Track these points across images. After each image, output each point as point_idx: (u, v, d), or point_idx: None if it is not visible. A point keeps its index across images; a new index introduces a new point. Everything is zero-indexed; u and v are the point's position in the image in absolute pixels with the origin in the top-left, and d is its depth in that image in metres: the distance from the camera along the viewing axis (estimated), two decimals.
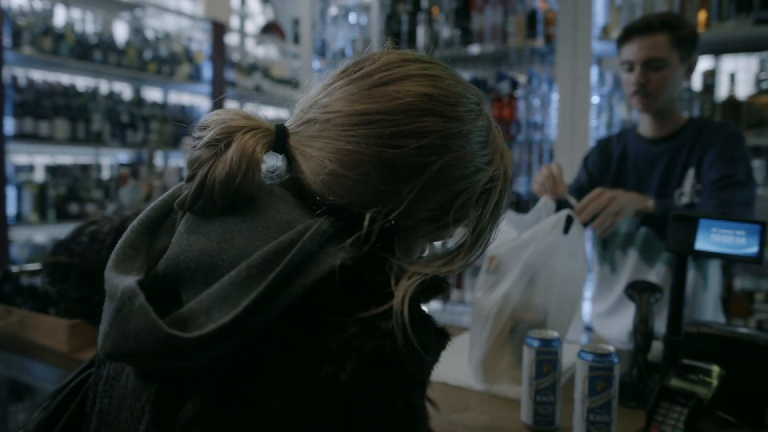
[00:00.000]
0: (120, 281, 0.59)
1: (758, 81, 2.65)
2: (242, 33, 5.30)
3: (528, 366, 1.12)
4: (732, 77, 2.68)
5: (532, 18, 2.98)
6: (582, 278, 1.37)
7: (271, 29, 5.39)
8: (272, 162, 0.72)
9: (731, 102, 2.61)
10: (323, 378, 0.54)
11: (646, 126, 1.81)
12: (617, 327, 1.80)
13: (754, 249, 1.09)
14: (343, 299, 0.58)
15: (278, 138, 0.67)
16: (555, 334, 1.14)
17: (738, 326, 1.23)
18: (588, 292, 2.18)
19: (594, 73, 2.83)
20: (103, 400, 0.69)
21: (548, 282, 1.31)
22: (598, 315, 1.93)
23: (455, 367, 1.42)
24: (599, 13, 2.82)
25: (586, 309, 2.51)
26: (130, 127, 3.96)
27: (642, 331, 1.26)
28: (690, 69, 1.75)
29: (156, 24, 4.50)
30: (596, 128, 2.90)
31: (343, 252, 0.60)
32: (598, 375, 1.02)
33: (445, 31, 3.19)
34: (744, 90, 2.75)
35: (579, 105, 2.80)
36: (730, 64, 3.24)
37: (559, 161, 2.79)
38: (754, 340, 1.13)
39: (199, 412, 0.58)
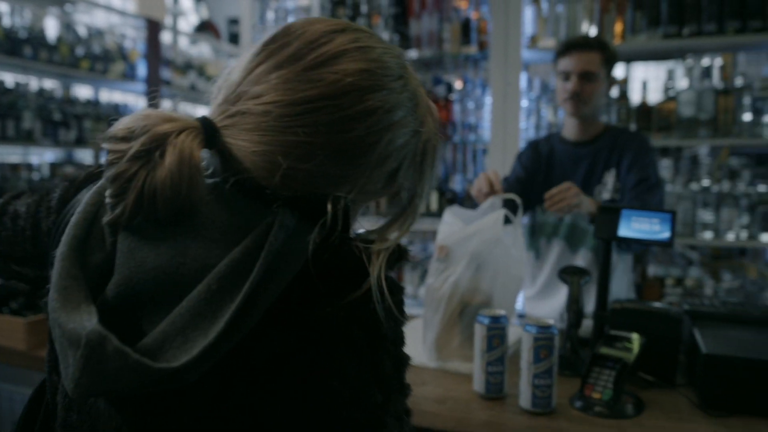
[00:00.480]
0: (77, 325, 0.53)
1: (666, 89, 2.93)
2: (175, 31, 5.23)
3: (479, 341, 1.26)
4: (644, 85, 2.96)
5: (466, 26, 3.16)
6: (521, 263, 1.52)
7: (205, 28, 5.34)
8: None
9: (643, 108, 2.89)
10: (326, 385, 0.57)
11: (571, 130, 2.02)
12: (546, 308, 1.99)
13: (666, 234, 1.27)
14: (320, 291, 0.58)
15: (207, 134, 0.61)
16: (503, 312, 1.28)
17: (653, 303, 1.42)
18: None
19: (523, 78, 3.04)
20: (69, 414, 0.64)
21: (493, 268, 1.46)
22: (528, 298, 2.13)
23: (410, 347, 1.54)
24: (528, 24, 3.03)
25: None
26: (62, 125, 3.85)
27: (574, 309, 1.42)
28: (611, 84, 2.01)
29: (88, 20, 4.38)
30: (526, 129, 3.11)
31: (311, 244, 0.59)
32: (541, 345, 1.17)
33: (384, 36, 3.32)
34: (654, 96, 3.03)
35: (510, 108, 3.00)
36: (642, 72, 3.55)
37: (493, 160, 2.98)
38: (667, 313, 1.31)
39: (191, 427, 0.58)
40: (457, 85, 3.30)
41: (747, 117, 2.75)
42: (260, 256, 0.55)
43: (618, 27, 2.85)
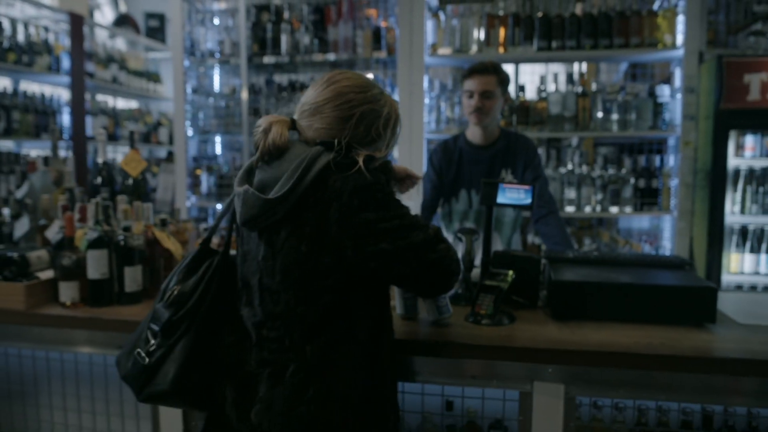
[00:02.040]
0: (240, 188, 1.29)
1: (539, 91, 3.53)
2: (92, 24, 5.25)
3: None
4: (522, 87, 3.53)
5: (377, 34, 3.59)
6: None
7: (125, 22, 5.40)
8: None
9: (522, 106, 3.46)
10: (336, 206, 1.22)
11: (474, 135, 2.54)
12: None
13: (528, 201, 1.77)
14: (334, 173, 1.23)
15: (292, 123, 1.34)
16: None
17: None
18: None
19: (425, 80, 3.53)
20: (244, 244, 1.35)
21: None
22: None
23: None
24: (429, 34, 3.51)
25: None
26: None
27: (467, 259, 1.90)
28: (506, 100, 2.54)
29: (10, 13, 4.36)
30: (428, 123, 3.60)
31: (328, 157, 1.24)
32: None
33: (305, 40, 3.68)
34: (531, 96, 3.62)
35: (415, 105, 3.48)
36: (524, 75, 4.15)
37: (401, 149, 3.46)
38: (531, 257, 1.82)
39: (287, 238, 1.24)
40: None
41: (599, 114, 3.40)
42: (303, 163, 1.23)
43: (501, 39, 3.40)
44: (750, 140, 3.19)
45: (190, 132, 3.97)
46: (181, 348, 1.35)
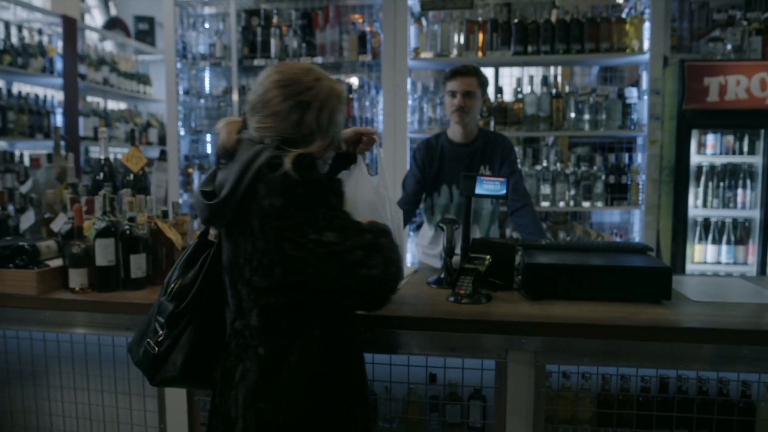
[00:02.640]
0: (197, 191, 1.36)
1: (516, 92, 3.69)
2: (83, 27, 5.32)
3: None
4: (500, 89, 3.70)
5: (362, 38, 3.73)
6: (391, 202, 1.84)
7: (115, 25, 5.48)
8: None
9: (500, 107, 3.63)
10: (266, 203, 1.22)
11: (455, 134, 2.69)
12: (434, 251, 2.66)
13: (503, 191, 1.93)
14: (267, 172, 1.21)
15: (244, 122, 1.38)
16: None
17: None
18: (414, 240, 3.06)
19: (408, 82, 3.68)
20: (222, 242, 1.40)
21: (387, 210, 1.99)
22: (423, 246, 2.80)
23: None
24: (412, 39, 3.66)
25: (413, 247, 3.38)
26: None
27: (449, 247, 2.04)
28: (485, 102, 2.70)
29: (3, 16, 4.43)
30: (411, 123, 3.75)
31: (266, 156, 1.23)
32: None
33: (294, 44, 3.81)
34: (509, 97, 3.79)
35: (399, 105, 3.63)
36: (503, 78, 4.32)
37: (385, 147, 3.60)
38: (505, 243, 1.98)
39: (238, 237, 1.30)
40: (356, 86, 3.88)
41: (572, 115, 3.58)
42: (247, 160, 1.25)
43: (480, 44, 3.56)
44: (711, 138, 3.39)
45: (182, 132, 4.07)
46: (187, 337, 1.41)
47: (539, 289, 1.84)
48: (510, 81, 4.13)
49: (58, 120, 4.61)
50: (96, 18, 5.93)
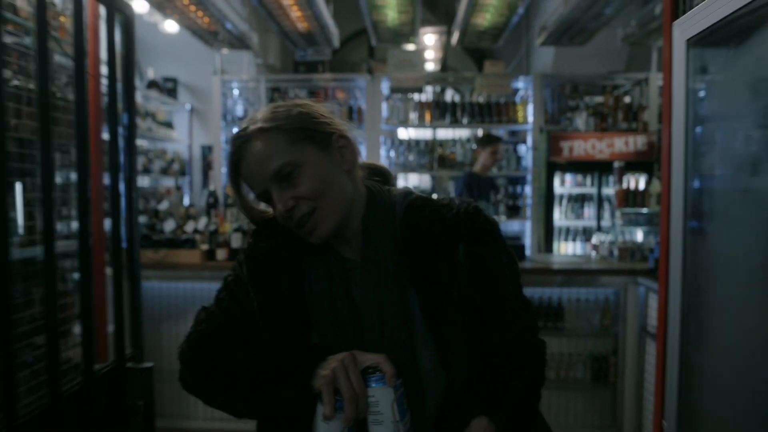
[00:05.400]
0: None
1: (451, 146, 5.47)
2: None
3: (388, 410, 0.87)
4: (441, 144, 5.46)
5: (350, 110, 5.42)
6: None
7: (154, 85, 6.92)
8: None
9: (440, 156, 5.38)
10: None
11: (481, 171, 4.48)
12: None
13: None
14: None
15: None
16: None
17: None
18: None
19: (381, 138, 5.38)
20: None
21: None
22: None
23: None
24: (384, 111, 5.39)
25: None
26: None
27: None
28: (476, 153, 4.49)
29: None
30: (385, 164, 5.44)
31: None
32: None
33: None
34: (447, 150, 5.55)
35: (374, 154, 5.32)
36: (441, 137, 6.10)
37: None
38: None
39: None
40: None
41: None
42: None
43: (427, 116, 5.34)
44: (568, 177, 5.27)
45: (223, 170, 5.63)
46: None
47: None
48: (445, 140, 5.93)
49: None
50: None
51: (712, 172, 1.32)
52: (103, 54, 1.99)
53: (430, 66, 8.67)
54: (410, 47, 5.52)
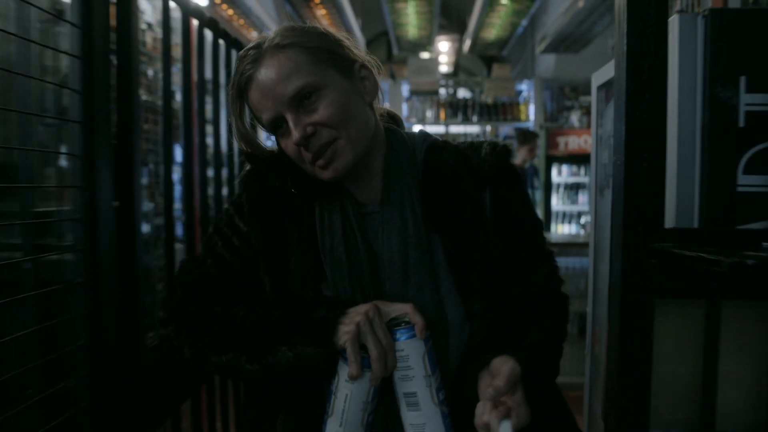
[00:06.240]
0: None
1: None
2: None
3: (419, 364, 0.79)
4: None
5: None
6: None
7: None
8: None
9: None
10: None
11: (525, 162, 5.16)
12: None
13: None
14: None
15: None
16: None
17: None
18: None
19: None
20: None
21: None
22: None
23: None
24: (405, 110, 6.12)
25: None
26: None
27: None
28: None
29: None
30: None
31: None
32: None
33: None
34: None
35: None
36: (455, 134, 6.82)
37: None
38: None
39: None
40: None
41: None
42: None
43: (442, 115, 6.07)
44: (564, 168, 5.98)
45: None
46: None
47: None
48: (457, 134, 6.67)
49: None
50: None
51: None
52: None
53: (444, 68, 9.39)
54: (426, 56, 6.26)
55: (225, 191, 2.08)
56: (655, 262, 1.11)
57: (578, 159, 5.82)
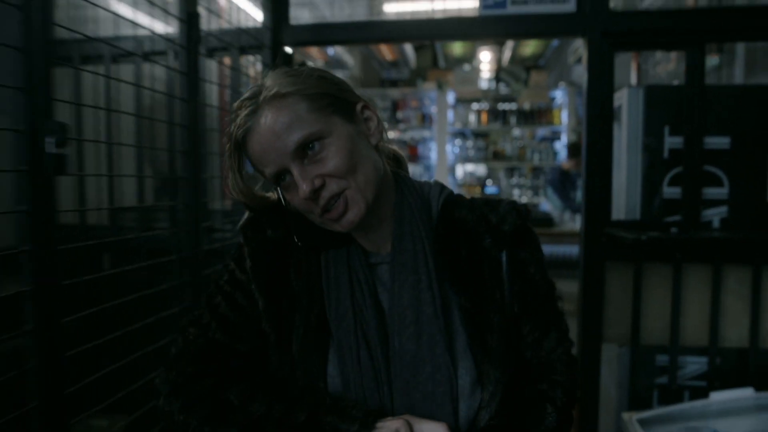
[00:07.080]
0: None
1: (502, 143, 6.89)
2: None
3: None
4: (495, 143, 6.89)
5: (424, 116, 6.91)
6: None
7: None
8: None
9: (495, 150, 6.81)
10: None
11: (570, 167, 5.86)
12: None
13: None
14: None
15: None
16: None
17: None
18: None
19: (447, 138, 6.85)
20: None
21: None
22: None
23: None
24: (450, 115, 6.85)
25: None
26: None
27: None
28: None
29: None
30: (449, 158, 6.91)
31: None
32: None
33: (386, 117, 6.99)
34: (499, 147, 6.97)
35: (443, 149, 6.81)
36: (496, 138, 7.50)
37: (436, 170, 6.80)
38: None
39: None
40: (418, 138, 7.07)
41: (530, 154, 6.78)
42: None
43: (484, 119, 6.76)
44: None
45: None
46: None
47: None
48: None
49: None
50: None
51: None
52: None
53: (487, 74, 10.03)
54: (468, 68, 6.96)
55: None
56: (605, 240, 1.91)
57: None
